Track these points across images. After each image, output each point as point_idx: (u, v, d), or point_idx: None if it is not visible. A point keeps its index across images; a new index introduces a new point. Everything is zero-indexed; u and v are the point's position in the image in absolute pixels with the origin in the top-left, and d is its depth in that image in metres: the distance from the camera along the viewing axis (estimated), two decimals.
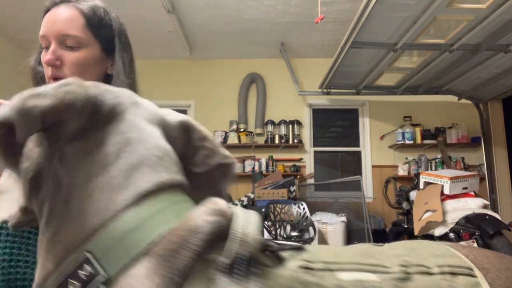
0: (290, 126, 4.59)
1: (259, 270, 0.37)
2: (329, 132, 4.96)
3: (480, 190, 3.24)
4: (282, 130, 4.62)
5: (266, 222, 3.28)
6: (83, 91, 0.40)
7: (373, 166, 4.57)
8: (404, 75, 3.68)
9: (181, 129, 0.53)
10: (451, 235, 2.59)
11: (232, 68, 4.81)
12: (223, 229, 0.38)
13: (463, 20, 2.53)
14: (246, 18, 3.80)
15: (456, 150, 4.46)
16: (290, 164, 4.51)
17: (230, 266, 0.36)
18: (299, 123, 4.64)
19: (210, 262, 0.36)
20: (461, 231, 2.54)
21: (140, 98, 0.50)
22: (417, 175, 3.42)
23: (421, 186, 3.15)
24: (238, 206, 0.43)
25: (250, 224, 0.39)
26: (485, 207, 2.75)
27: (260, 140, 4.63)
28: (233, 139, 4.48)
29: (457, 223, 2.60)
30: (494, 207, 4.09)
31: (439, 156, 4.34)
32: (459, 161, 4.33)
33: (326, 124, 4.93)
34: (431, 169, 4.24)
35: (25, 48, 4.14)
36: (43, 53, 0.77)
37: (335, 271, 0.39)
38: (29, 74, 0.87)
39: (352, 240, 3.56)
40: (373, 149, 4.61)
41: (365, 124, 4.68)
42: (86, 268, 0.36)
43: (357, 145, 4.72)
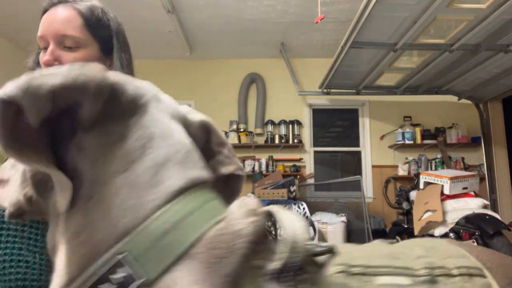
0: (290, 126, 4.59)
1: (306, 277, 0.35)
2: (329, 132, 4.96)
3: (480, 190, 3.24)
4: (282, 130, 4.63)
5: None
6: (100, 74, 0.37)
7: (373, 166, 4.57)
8: (404, 75, 3.68)
9: (202, 130, 0.51)
10: (451, 235, 2.59)
11: (232, 68, 4.81)
12: (263, 232, 0.36)
13: (463, 20, 2.53)
14: (246, 18, 3.80)
15: (456, 150, 4.46)
16: (290, 164, 4.52)
17: (279, 273, 0.34)
18: (299, 123, 4.64)
19: (257, 268, 0.34)
20: (461, 231, 2.54)
21: (161, 92, 0.47)
22: (417, 175, 3.42)
23: (421, 186, 3.15)
24: (278, 206, 0.40)
25: (298, 227, 0.36)
26: (485, 207, 2.75)
27: (260, 140, 4.63)
28: (233, 139, 4.48)
29: (457, 223, 2.60)
30: (494, 207, 4.09)
31: (439, 156, 4.34)
32: (459, 161, 4.33)
33: (326, 124, 4.93)
34: (431, 169, 4.24)
35: (25, 48, 4.14)
36: (42, 54, 0.77)
37: (373, 276, 0.39)
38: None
39: (352, 241, 3.56)
40: (373, 149, 4.61)
41: (365, 124, 4.68)
42: (120, 272, 0.33)
43: (357, 145, 4.72)
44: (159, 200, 0.36)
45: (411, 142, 4.32)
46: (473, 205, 2.70)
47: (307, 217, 3.32)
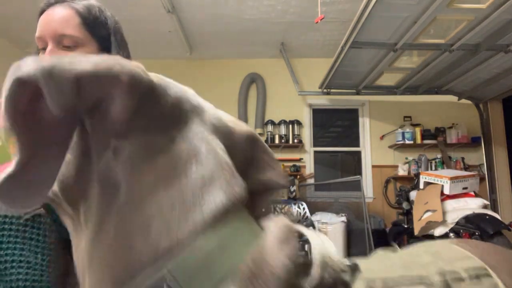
0: (290, 126, 4.59)
1: None
2: (329, 132, 4.96)
3: (480, 190, 3.25)
4: (282, 130, 4.62)
5: None
6: (138, 68, 0.34)
7: (373, 166, 4.57)
8: (404, 75, 3.68)
9: (247, 141, 0.50)
10: (451, 235, 2.59)
11: (232, 68, 4.81)
12: (300, 257, 0.35)
13: (463, 20, 2.53)
14: (246, 18, 3.80)
15: (456, 150, 4.45)
16: (290, 164, 4.52)
17: None
18: (299, 123, 4.64)
19: None
20: (461, 231, 2.54)
21: (202, 100, 0.45)
22: (417, 175, 3.43)
23: (421, 186, 3.15)
24: (305, 227, 0.41)
25: (329, 248, 0.37)
26: (485, 207, 2.75)
27: None
28: None
29: (457, 223, 2.61)
30: (494, 207, 4.09)
31: (439, 156, 4.34)
32: (459, 161, 4.33)
33: (326, 124, 4.93)
34: (431, 169, 4.24)
35: (25, 49, 4.14)
36: (40, 55, 0.77)
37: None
38: None
39: (352, 240, 3.56)
40: (373, 149, 4.61)
41: (365, 124, 4.68)
42: None
43: (357, 145, 4.72)
44: (204, 221, 0.34)
45: (411, 142, 4.32)
46: (473, 205, 2.71)
47: (307, 217, 3.32)
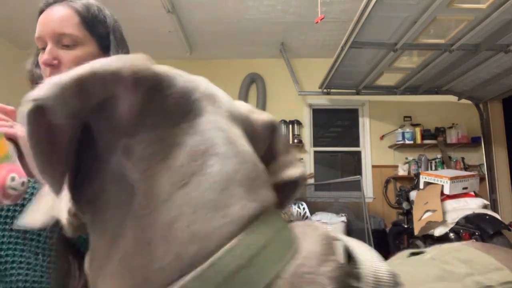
0: (290, 126, 4.59)
1: None
2: (329, 132, 4.96)
3: (480, 190, 3.24)
4: (282, 130, 4.62)
5: None
6: (140, 62, 0.32)
7: (373, 166, 4.57)
8: (404, 75, 3.68)
9: (266, 131, 0.45)
10: (451, 235, 2.59)
11: (232, 68, 4.81)
12: (345, 272, 0.32)
13: (463, 20, 2.53)
14: (246, 18, 3.80)
15: (456, 150, 4.45)
16: None
17: None
18: (299, 123, 4.64)
19: None
20: (461, 231, 2.54)
21: (216, 88, 0.40)
22: (417, 175, 3.43)
23: (421, 186, 3.15)
24: (344, 235, 0.36)
25: (378, 262, 0.33)
26: (485, 207, 2.75)
27: None
28: None
29: (457, 223, 2.61)
30: (494, 207, 4.09)
31: (439, 156, 4.34)
32: (459, 161, 4.33)
33: (326, 124, 4.93)
34: (431, 169, 4.24)
35: (25, 49, 4.14)
36: (40, 55, 0.77)
37: None
38: (27, 77, 0.87)
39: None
40: (373, 149, 4.61)
41: (365, 124, 4.68)
42: None
43: (357, 145, 4.72)
44: (230, 228, 0.30)
45: (411, 142, 4.31)
46: (473, 205, 2.71)
47: (307, 217, 3.32)
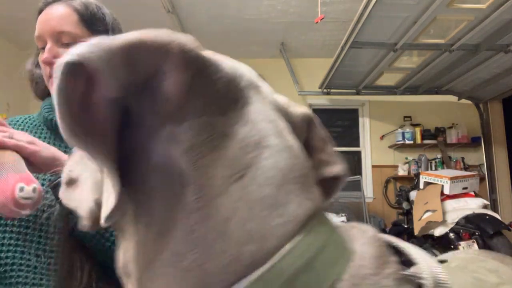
0: None
1: None
2: (329, 132, 4.93)
3: (480, 190, 3.25)
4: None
5: None
6: (188, 39, 0.29)
7: (373, 166, 4.57)
8: (404, 75, 3.68)
9: (303, 124, 0.43)
10: (451, 235, 2.59)
11: None
12: (404, 278, 0.31)
13: (463, 20, 2.53)
14: (246, 18, 3.80)
15: (456, 150, 4.45)
16: None
17: None
18: None
19: None
20: (461, 231, 2.54)
21: (257, 76, 0.38)
22: (417, 175, 3.43)
23: (421, 186, 3.15)
24: (397, 239, 0.35)
25: (434, 263, 0.31)
26: (485, 207, 2.75)
27: None
28: None
29: (457, 223, 2.61)
30: (494, 207, 4.09)
31: (439, 156, 4.33)
32: (459, 161, 4.32)
33: (326, 124, 4.82)
34: (431, 169, 4.24)
35: (25, 49, 4.13)
36: (40, 54, 0.77)
37: None
38: (27, 77, 0.87)
39: None
40: (373, 149, 4.61)
41: (365, 124, 4.68)
42: None
43: (357, 145, 4.71)
44: (288, 227, 0.29)
45: (411, 142, 4.31)
46: (473, 205, 2.71)
47: None
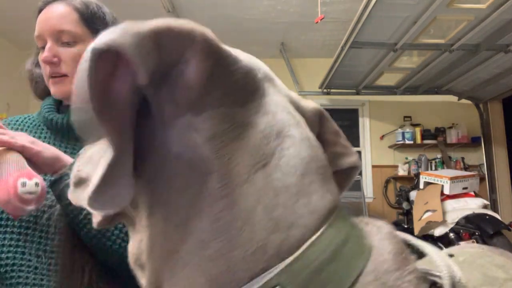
0: None
1: None
2: None
3: (480, 190, 3.25)
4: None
5: None
6: (206, 30, 0.29)
7: (373, 166, 4.57)
8: (404, 75, 3.68)
9: (317, 119, 0.44)
10: (451, 235, 2.59)
11: None
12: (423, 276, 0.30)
13: (463, 20, 2.53)
14: (246, 18, 3.80)
15: (456, 150, 4.45)
16: None
17: None
18: None
19: None
20: (461, 231, 2.54)
21: (270, 70, 0.38)
22: (417, 175, 3.43)
23: (421, 186, 3.15)
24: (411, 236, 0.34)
25: (450, 260, 0.31)
26: (485, 207, 2.75)
27: None
28: None
29: (457, 223, 2.61)
30: (494, 207, 4.09)
31: (439, 156, 4.33)
32: (459, 161, 4.32)
33: None
34: (431, 169, 4.24)
35: (25, 49, 4.14)
36: (40, 54, 0.77)
37: None
38: (26, 77, 0.87)
39: None
40: (373, 149, 4.61)
41: (365, 124, 4.68)
42: None
43: (357, 145, 4.71)
44: (313, 218, 0.28)
45: (411, 142, 4.31)
46: (473, 205, 2.71)
47: None
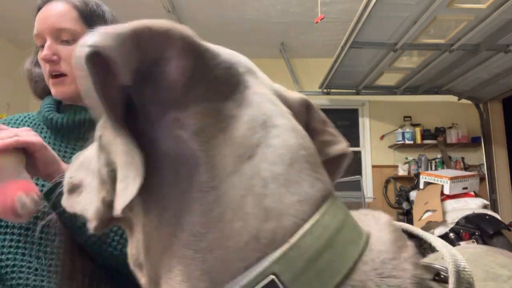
0: None
1: None
2: None
3: (480, 190, 3.25)
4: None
5: None
6: (185, 28, 0.29)
7: (373, 166, 4.57)
8: (404, 75, 3.68)
9: (303, 109, 0.44)
10: (451, 235, 2.59)
11: None
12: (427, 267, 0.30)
13: (463, 20, 2.53)
14: (246, 18, 3.80)
15: (456, 150, 4.45)
16: None
17: None
18: None
19: None
20: (461, 231, 2.54)
21: (254, 65, 0.37)
22: (417, 175, 3.43)
23: (421, 186, 3.15)
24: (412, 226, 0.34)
25: (453, 249, 0.30)
26: (485, 207, 2.75)
27: None
28: None
29: (457, 223, 2.61)
30: (494, 207, 4.09)
31: (439, 156, 4.33)
32: (459, 161, 4.32)
33: None
34: (431, 169, 4.24)
35: (25, 49, 4.13)
36: (39, 53, 0.76)
37: None
38: (26, 76, 0.86)
39: None
40: (373, 149, 4.61)
41: (365, 124, 4.68)
42: None
43: (357, 145, 4.71)
44: (304, 206, 0.28)
45: (411, 142, 4.31)
46: (473, 205, 2.71)
47: None
